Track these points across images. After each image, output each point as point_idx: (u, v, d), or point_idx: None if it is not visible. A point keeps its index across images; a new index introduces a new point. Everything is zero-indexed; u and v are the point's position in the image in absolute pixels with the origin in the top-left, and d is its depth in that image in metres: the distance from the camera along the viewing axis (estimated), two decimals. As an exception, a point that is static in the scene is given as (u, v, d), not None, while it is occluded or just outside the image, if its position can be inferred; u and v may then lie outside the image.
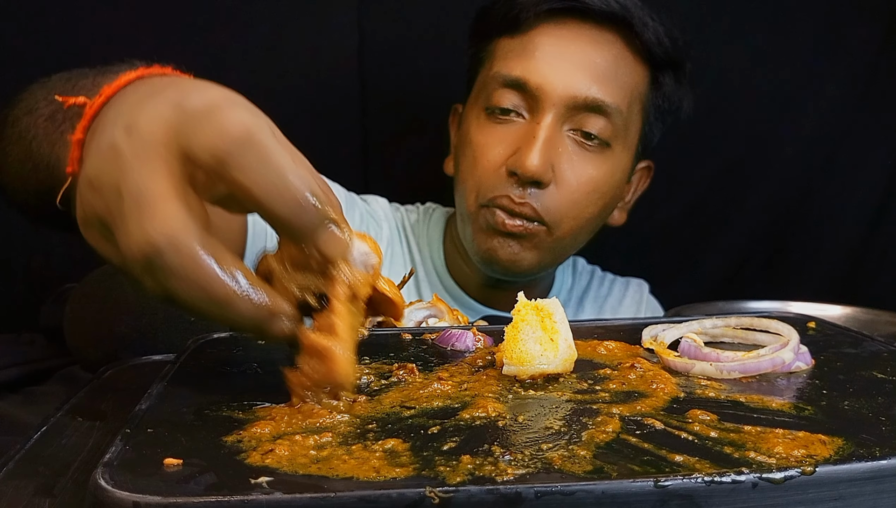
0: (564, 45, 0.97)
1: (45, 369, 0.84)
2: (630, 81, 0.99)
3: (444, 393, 0.50)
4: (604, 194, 1.00)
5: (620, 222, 1.12)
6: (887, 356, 0.59)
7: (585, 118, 0.96)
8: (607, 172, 0.99)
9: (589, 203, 0.99)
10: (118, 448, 0.40)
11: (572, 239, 1.01)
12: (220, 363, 0.58)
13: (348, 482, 0.37)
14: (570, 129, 0.97)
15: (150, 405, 0.47)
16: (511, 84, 0.97)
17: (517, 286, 1.07)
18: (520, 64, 0.97)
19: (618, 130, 0.98)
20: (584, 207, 0.99)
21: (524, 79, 0.96)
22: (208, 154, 0.42)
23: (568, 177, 0.96)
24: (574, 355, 0.54)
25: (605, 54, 0.97)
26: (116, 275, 0.72)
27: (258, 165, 0.42)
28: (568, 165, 0.96)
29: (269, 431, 0.43)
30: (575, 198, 0.97)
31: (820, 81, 1.39)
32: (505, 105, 0.97)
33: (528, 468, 0.38)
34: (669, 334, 0.63)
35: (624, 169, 1.03)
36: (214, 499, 0.35)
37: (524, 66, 0.96)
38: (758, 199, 1.44)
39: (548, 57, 0.96)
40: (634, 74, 1.00)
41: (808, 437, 0.41)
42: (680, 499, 0.36)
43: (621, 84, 0.98)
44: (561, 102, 0.95)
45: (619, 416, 0.45)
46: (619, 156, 1.01)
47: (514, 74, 0.97)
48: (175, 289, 0.42)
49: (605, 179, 0.99)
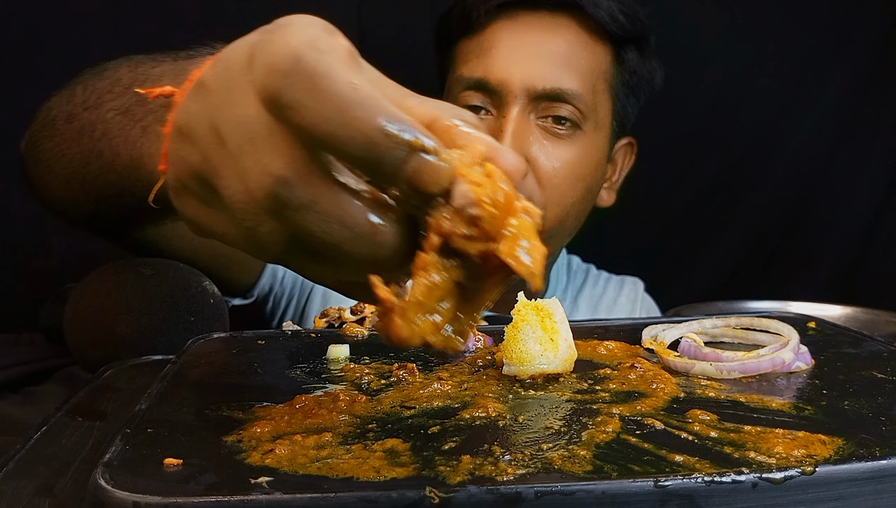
0: (519, 37, 0.98)
1: (45, 369, 0.84)
2: (590, 62, 0.99)
3: (444, 393, 0.50)
4: (583, 176, 1.00)
5: (610, 203, 1.12)
6: (887, 356, 0.59)
7: (550, 106, 0.97)
8: (582, 153, 0.99)
9: (569, 186, 0.98)
10: (118, 448, 0.40)
11: (560, 225, 1.00)
12: (220, 363, 0.58)
13: (348, 482, 0.37)
14: (538, 117, 0.97)
15: (150, 405, 0.47)
16: (473, 85, 0.98)
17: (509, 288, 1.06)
18: (479, 64, 0.98)
19: (587, 111, 0.98)
20: (565, 191, 0.98)
21: (485, 78, 0.97)
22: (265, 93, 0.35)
23: (543, 164, 0.96)
24: (574, 355, 0.54)
25: (560, 41, 0.98)
26: (116, 275, 0.72)
27: (312, 100, 0.34)
28: (541, 152, 0.96)
29: (269, 431, 0.43)
30: (554, 183, 0.97)
31: (820, 81, 1.39)
32: (473, 103, 0.98)
33: (528, 468, 0.38)
34: (669, 334, 0.63)
35: (600, 149, 1.03)
36: (214, 499, 0.35)
37: (483, 65, 0.97)
38: (758, 199, 1.43)
39: (504, 52, 0.97)
40: (594, 55, 1.00)
41: (808, 437, 0.41)
42: (680, 499, 0.36)
43: (581, 68, 0.98)
44: (523, 95, 0.95)
45: (619, 416, 0.45)
46: (592, 137, 1.00)
47: (475, 76, 0.97)
48: (308, 224, 0.36)
49: (580, 160, 0.99)
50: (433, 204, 0.36)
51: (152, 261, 0.75)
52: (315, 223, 0.36)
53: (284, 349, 0.62)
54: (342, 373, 0.55)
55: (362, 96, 0.34)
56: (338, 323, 0.70)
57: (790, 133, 1.41)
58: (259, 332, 0.67)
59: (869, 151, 1.41)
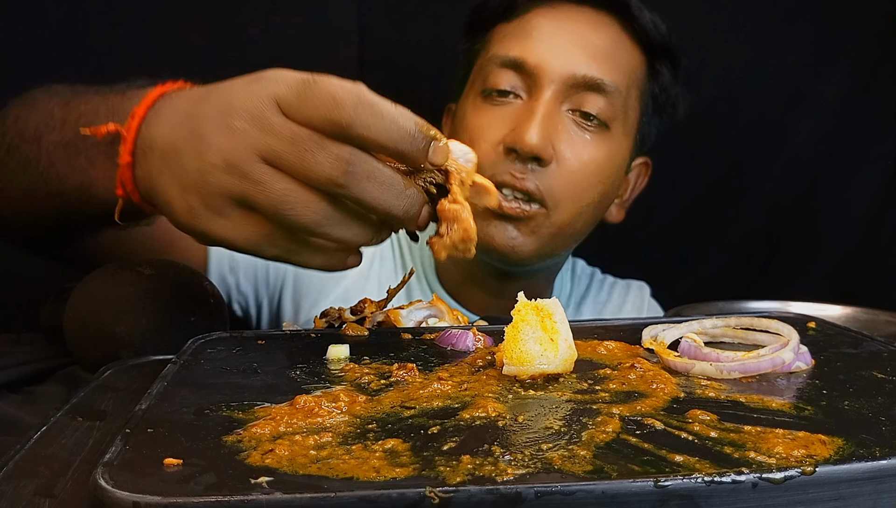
0: (561, 25, 0.97)
1: (45, 369, 0.84)
2: (628, 64, 0.99)
3: (444, 393, 0.50)
4: (604, 179, 0.98)
5: (618, 220, 1.10)
6: (887, 356, 0.59)
7: (584, 97, 0.95)
8: (607, 155, 0.98)
9: (589, 186, 0.97)
10: (118, 447, 0.40)
11: (570, 225, 0.98)
12: (220, 363, 0.58)
13: (348, 482, 0.37)
14: (569, 109, 0.96)
15: (150, 405, 0.47)
16: (509, 64, 0.96)
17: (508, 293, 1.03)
18: (518, 44, 0.96)
19: (616, 112, 0.97)
20: (584, 189, 0.97)
21: (522, 58, 0.95)
22: (328, 122, 0.53)
23: (568, 156, 0.95)
24: (574, 355, 0.54)
25: (603, 35, 0.97)
26: (116, 275, 0.72)
27: (375, 119, 0.53)
28: (567, 144, 0.95)
29: (269, 431, 0.43)
30: (576, 179, 0.95)
31: (820, 81, 1.39)
32: (503, 86, 0.96)
33: (528, 468, 0.38)
34: (669, 334, 0.63)
35: (623, 155, 1.01)
36: (214, 499, 0.35)
37: (522, 46, 0.96)
38: (758, 199, 1.43)
39: (545, 37, 0.96)
40: (632, 59, 0.99)
41: (808, 437, 0.41)
42: (680, 499, 0.36)
43: (619, 65, 0.97)
44: (559, 80, 0.94)
45: (619, 416, 0.45)
46: (619, 139, 0.99)
47: (511, 55, 0.96)
48: (367, 191, 0.54)
49: (605, 160, 0.97)
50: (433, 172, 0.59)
51: (152, 261, 0.75)
52: (372, 189, 0.54)
53: (284, 349, 0.62)
54: (342, 373, 0.55)
55: (401, 112, 0.54)
56: (338, 323, 0.70)
57: (790, 133, 1.41)
58: (259, 332, 0.67)
59: (869, 151, 1.41)
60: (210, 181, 0.55)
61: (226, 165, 0.54)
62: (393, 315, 0.72)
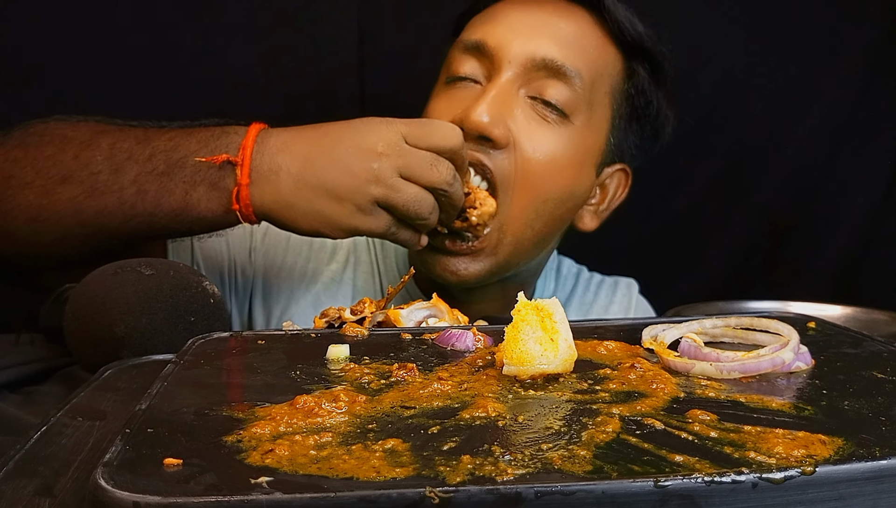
0: (528, 10, 0.96)
1: (45, 369, 0.84)
2: (597, 55, 0.96)
3: (444, 393, 0.50)
4: (562, 171, 0.94)
5: (591, 228, 1.05)
6: (887, 356, 0.59)
7: (545, 84, 0.92)
8: (566, 146, 0.93)
9: (545, 176, 0.92)
10: (118, 447, 0.40)
11: (526, 225, 0.94)
12: (220, 363, 0.58)
13: (348, 482, 0.37)
14: (528, 95, 0.93)
15: (150, 405, 0.47)
16: (471, 47, 0.95)
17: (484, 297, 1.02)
18: (481, 29, 0.95)
19: (579, 102, 0.93)
20: (539, 178, 0.92)
21: (483, 41, 0.94)
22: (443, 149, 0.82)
23: (524, 142, 0.91)
24: (574, 355, 0.54)
25: (570, 23, 0.95)
26: (116, 275, 0.72)
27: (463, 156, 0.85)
28: (524, 130, 0.91)
29: (269, 431, 0.43)
30: (531, 166, 0.92)
31: (820, 81, 1.39)
32: (462, 72, 0.95)
33: (528, 468, 0.38)
34: (669, 334, 0.63)
35: (589, 152, 0.97)
36: (214, 499, 0.35)
37: (485, 29, 0.95)
38: (758, 199, 1.44)
39: (509, 20, 0.95)
40: (603, 53, 0.96)
41: (808, 437, 0.41)
42: (680, 499, 0.36)
43: (586, 54, 0.94)
44: (517, 62, 0.92)
45: (619, 416, 0.45)
46: (581, 133, 0.95)
47: (474, 38, 0.95)
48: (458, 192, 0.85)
49: (563, 152, 0.93)
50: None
51: (152, 261, 0.75)
52: (458, 190, 0.85)
53: (284, 349, 0.62)
54: (342, 373, 0.55)
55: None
56: (338, 323, 0.70)
57: (790, 133, 1.41)
58: (259, 332, 0.67)
59: (869, 151, 1.41)
60: (363, 191, 0.79)
61: (375, 179, 0.79)
62: (393, 315, 0.72)
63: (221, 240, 1.00)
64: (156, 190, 0.80)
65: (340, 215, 0.80)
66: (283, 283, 1.03)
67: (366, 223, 0.81)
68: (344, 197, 0.79)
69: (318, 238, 1.04)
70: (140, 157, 0.81)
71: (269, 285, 1.03)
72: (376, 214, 0.81)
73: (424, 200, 0.81)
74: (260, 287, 1.03)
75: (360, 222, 0.81)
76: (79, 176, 0.81)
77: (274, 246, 1.04)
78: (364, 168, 0.79)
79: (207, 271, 1.00)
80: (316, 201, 0.80)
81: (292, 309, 1.02)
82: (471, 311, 1.02)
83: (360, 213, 0.80)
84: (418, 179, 0.80)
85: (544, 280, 1.15)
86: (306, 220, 0.81)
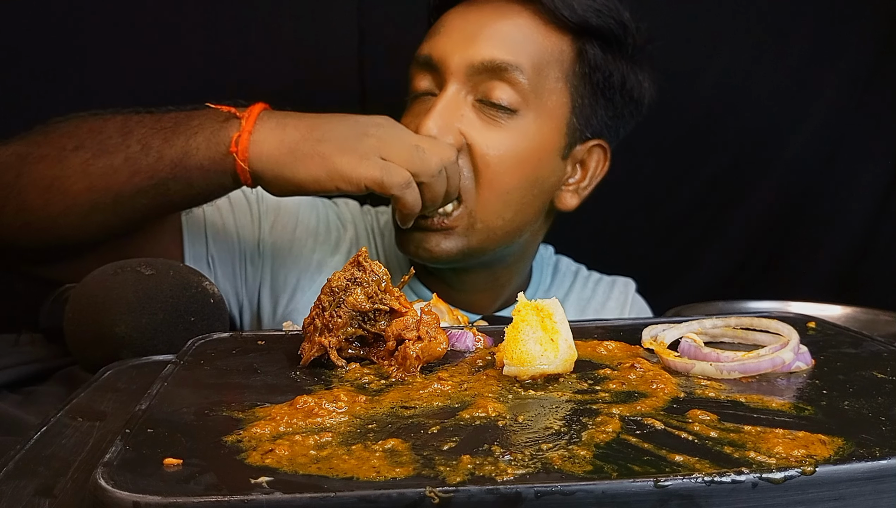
0: (467, 17, 0.99)
1: (45, 369, 0.84)
2: (539, 46, 0.98)
3: (444, 393, 0.50)
4: (522, 162, 0.97)
5: (571, 207, 1.07)
6: (887, 356, 0.59)
7: (491, 86, 0.95)
8: (521, 139, 0.97)
9: (505, 172, 0.96)
10: (118, 447, 0.40)
11: (498, 216, 0.98)
12: (221, 364, 0.58)
13: (348, 482, 0.37)
14: (476, 98, 0.96)
15: (150, 405, 0.47)
16: (422, 63, 0.99)
17: (468, 286, 1.07)
18: (428, 43, 0.99)
19: (528, 95, 0.96)
20: (498, 173, 0.96)
21: (429, 54, 0.98)
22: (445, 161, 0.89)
23: (478, 143, 0.95)
24: (574, 355, 0.54)
25: (507, 22, 0.97)
26: (116, 275, 0.72)
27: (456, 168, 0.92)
28: (476, 132, 0.95)
29: (269, 431, 0.43)
30: (486, 164, 0.95)
31: (820, 82, 1.39)
32: (419, 89, 0.99)
33: (528, 468, 0.38)
34: (669, 334, 0.63)
35: (547, 138, 0.99)
36: (214, 499, 0.35)
37: (431, 43, 0.99)
38: (758, 199, 1.43)
39: (450, 31, 0.98)
40: (546, 41, 0.98)
41: (808, 437, 0.41)
42: (680, 499, 0.36)
43: (526, 49, 0.97)
44: (460, 70, 0.95)
45: (619, 416, 0.45)
46: (535, 123, 0.98)
47: (422, 54, 0.99)
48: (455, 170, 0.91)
49: (518, 144, 0.97)
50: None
51: (152, 261, 0.75)
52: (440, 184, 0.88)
53: (285, 349, 0.62)
54: (342, 374, 0.55)
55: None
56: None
57: (790, 133, 1.41)
58: (259, 333, 0.67)
59: (869, 151, 1.41)
60: (368, 142, 0.85)
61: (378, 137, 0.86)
62: (393, 315, 0.72)
63: (232, 233, 1.03)
64: (159, 144, 0.83)
65: (343, 162, 0.83)
66: (290, 273, 1.05)
67: (368, 171, 0.83)
68: (348, 148, 0.84)
69: (320, 230, 1.08)
70: (149, 120, 0.86)
71: (276, 276, 1.06)
72: (378, 164, 0.84)
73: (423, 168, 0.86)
74: (269, 278, 1.06)
75: (364, 169, 0.83)
76: (90, 143, 0.84)
77: (280, 237, 1.06)
78: (371, 124, 0.86)
79: (220, 263, 1.03)
80: (320, 146, 0.83)
81: (297, 299, 1.04)
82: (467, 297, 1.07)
83: (364, 161, 0.83)
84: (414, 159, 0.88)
85: (540, 273, 1.17)
86: (306, 165, 0.83)
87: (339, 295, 0.57)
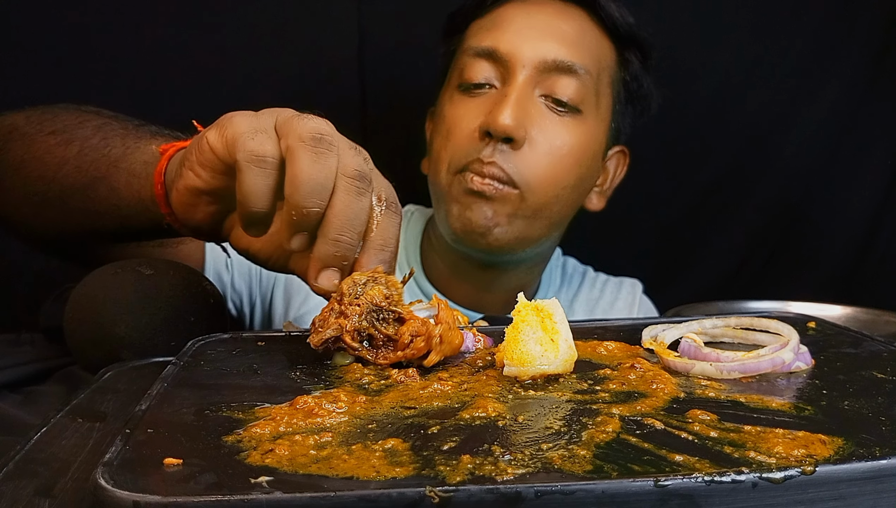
0: (531, 15, 1.01)
1: (45, 369, 0.84)
2: (597, 50, 1.02)
3: (444, 393, 0.50)
4: (578, 162, 1.00)
5: (598, 208, 1.12)
6: (887, 356, 0.59)
7: (556, 82, 0.98)
8: (580, 138, 1.00)
9: (562, 169, 0.99)
10: (118, 448, 0.40)
11: (547, 207, 0.99)
12: (220, 364, 0.58)
13: (348, 481, 0.37)
14: (541, 94, 0.99)
15: (150, 405, 0.47)
16: (483, 54, 1.00)
17: (495, 286, 1.08)
18: (490, 35, 1.00)
19: (588, 95, 1.00)
20: (558, 171, 0.98)
21: (494, 47, 0.99)
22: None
23: (540, 140, 0.97)
24: (574, 355, 0.54)
25: (571, 23, 1.01)
26: (116, 275, 0.72)
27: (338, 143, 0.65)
28: (539, 128, 0.97)
29: (269, 431, 0.43)
30: (548, 161, 0.97)
31: (820, 82, 1.39)
32: (477, 79, 1.00)
33: (528, 467, 0.38)
34: (669, 334, 0.63)
35: (598, 141, 1.03)
36: (214, 499, 0.35)
37: (494, 36, 1.00)
38: (758, 199, 1.43)
39: (516, 26, 1.00)
40: (600, 46, 1.03)
41: (808, 437, 0.41)
42: (680, 499, 0.36)
43: (589, 50, 1.01)
44: (531, 65, 0.97)
45: (619, 416, 0.45)
46: (592, 124, 1.01)
47: (484, 45, 1.00)
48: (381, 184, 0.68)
49: (577, 144, 1.00)
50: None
51: (152, 261, 0.75)
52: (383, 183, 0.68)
53: (284, 350, 0.62)
54: (342, 374, 0.55)
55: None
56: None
57: (791, 133, 1.41)
58: (259, 333, 0.67)
59: (868, 151, 1.41)
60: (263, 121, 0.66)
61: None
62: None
63: None
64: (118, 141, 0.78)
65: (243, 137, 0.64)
66: None
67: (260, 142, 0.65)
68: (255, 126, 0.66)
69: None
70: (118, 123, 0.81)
71: (290, 278, 1.06)
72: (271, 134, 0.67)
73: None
74: (283, 279, 1.08)
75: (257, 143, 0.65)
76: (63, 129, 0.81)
77: None
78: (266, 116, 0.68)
79: (237, 265, 1.05)
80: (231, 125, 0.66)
81: (311, 301, 1.06)
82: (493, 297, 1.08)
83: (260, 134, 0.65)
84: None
85: (550, 275, 1.18)
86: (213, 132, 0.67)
87: (358, 287, 0.59)
